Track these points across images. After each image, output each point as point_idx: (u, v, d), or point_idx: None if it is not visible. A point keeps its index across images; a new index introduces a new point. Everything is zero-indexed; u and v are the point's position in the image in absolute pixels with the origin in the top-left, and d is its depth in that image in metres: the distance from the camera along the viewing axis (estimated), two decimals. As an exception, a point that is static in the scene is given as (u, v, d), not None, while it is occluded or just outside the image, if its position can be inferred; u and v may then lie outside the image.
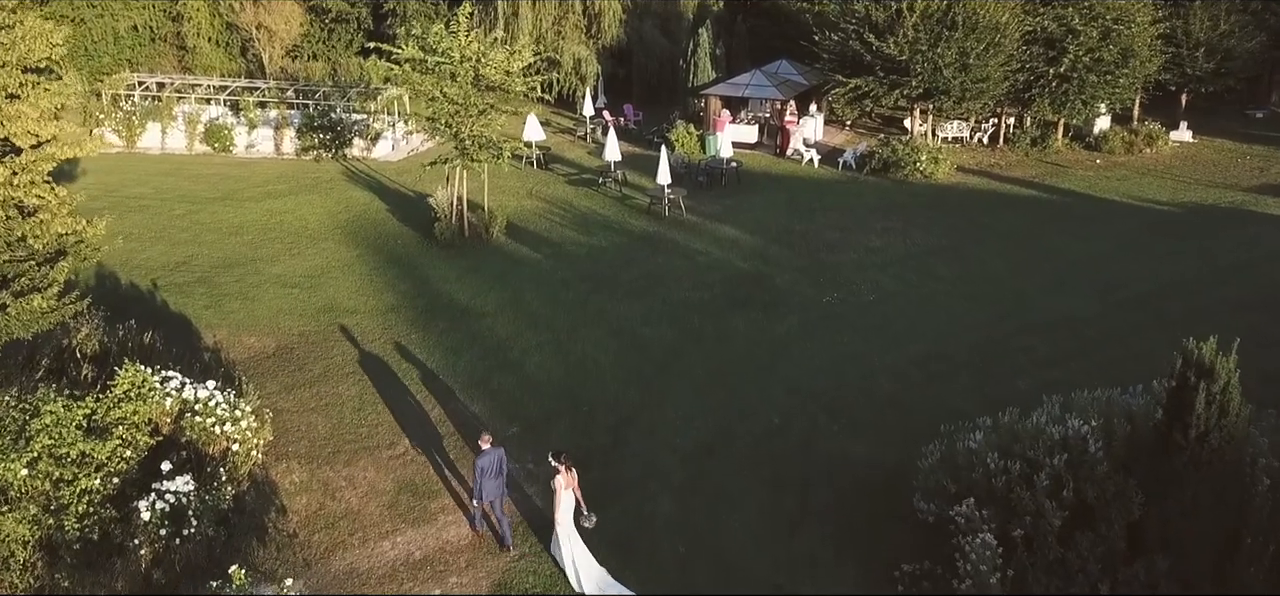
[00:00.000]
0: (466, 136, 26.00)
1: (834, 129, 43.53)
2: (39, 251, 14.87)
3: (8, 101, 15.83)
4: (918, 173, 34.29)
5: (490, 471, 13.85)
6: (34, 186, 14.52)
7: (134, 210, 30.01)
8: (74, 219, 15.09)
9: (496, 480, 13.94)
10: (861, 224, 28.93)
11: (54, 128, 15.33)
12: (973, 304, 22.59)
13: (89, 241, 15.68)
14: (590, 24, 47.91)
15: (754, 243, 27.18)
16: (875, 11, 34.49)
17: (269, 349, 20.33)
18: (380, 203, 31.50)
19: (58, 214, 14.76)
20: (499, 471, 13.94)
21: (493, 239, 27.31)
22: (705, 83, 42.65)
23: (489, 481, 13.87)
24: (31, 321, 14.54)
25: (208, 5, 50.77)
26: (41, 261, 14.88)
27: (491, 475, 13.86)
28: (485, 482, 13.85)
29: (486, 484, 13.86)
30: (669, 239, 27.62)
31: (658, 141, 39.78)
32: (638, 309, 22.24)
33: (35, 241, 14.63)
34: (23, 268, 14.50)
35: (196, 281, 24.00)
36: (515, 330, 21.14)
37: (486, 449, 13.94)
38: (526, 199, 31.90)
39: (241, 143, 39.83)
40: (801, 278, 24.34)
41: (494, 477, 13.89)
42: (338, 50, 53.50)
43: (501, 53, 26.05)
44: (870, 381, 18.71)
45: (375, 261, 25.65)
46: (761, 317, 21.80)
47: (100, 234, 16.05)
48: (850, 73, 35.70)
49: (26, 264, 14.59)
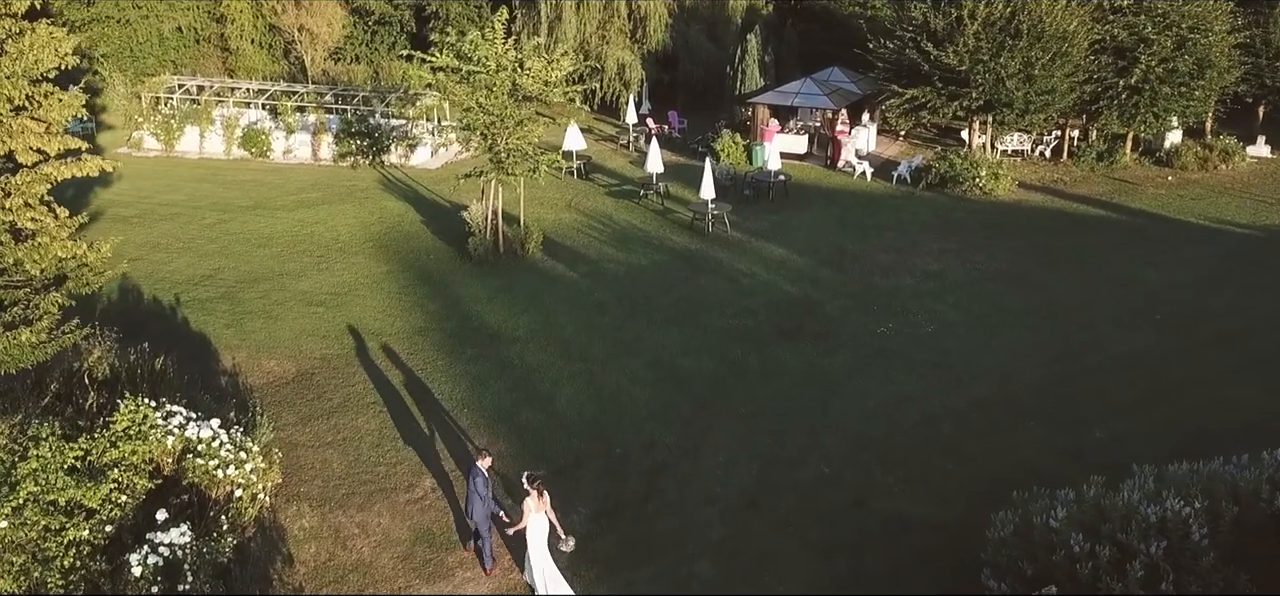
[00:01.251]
0: (502, 148, 24.86)
1: (887, 139, 41.82)
2: (36, 278, 13.94)
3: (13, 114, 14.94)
4: (977, 188, 32.51)
5: (475, 494, 13.39)
6: (28, 209, 13.57)
7: (165, 218, 29.35)
8: (74, 243, 14.12)
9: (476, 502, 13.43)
10: (917, 245, 27.29)
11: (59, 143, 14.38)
12: (1039, 338, 20.90)
13: (92, 265, 14.71)
14: (635, 28, 46.65)
15: (802, 264, 25.69)
16: (934, 18, 32.76)
17: (289, 374, 19.33)
18: (415, 214, 30.52)
19: (57, 237, 13.80)
20: (475, 496, 13.43)
21: (528, 255, 26.14)
22: (753, 90, 41.16)
23: (478, 502, 13.38)
24: (20, 356, 13.60)
25: (251, 7, 50.43)
26: (38, 288, 13.95)
27: (478, 495, 13.38)
28: (475, 503, 13.39)
29: (476, 505, 13.39)
30: (712, 258, 26.24)
31: (702, 151, 38.45)
32: (677, 337, 20.89)
33: (32, 267, 13.70)
34: (16, 295, 13.57)
35: (220, 297, 23.13)
36: (546, 358, 19.91)
37: (480, 466, 13.61)
38: (565, 211, 30.71)
39: (279, 148, 39.18)
40: (853, 304, 22.81)
41: (480, 497, 13.39)
42: (380, 53, 52.91)
43: (540, 62, 24.86)
44: (929, 427, 17.17)
45: (405, 278, 24.60)
46: (810, 350, 20.34)
47: (105, 257, 15.09)
48: (906, 83, 34.01)
49: (21, 291, 13.65)
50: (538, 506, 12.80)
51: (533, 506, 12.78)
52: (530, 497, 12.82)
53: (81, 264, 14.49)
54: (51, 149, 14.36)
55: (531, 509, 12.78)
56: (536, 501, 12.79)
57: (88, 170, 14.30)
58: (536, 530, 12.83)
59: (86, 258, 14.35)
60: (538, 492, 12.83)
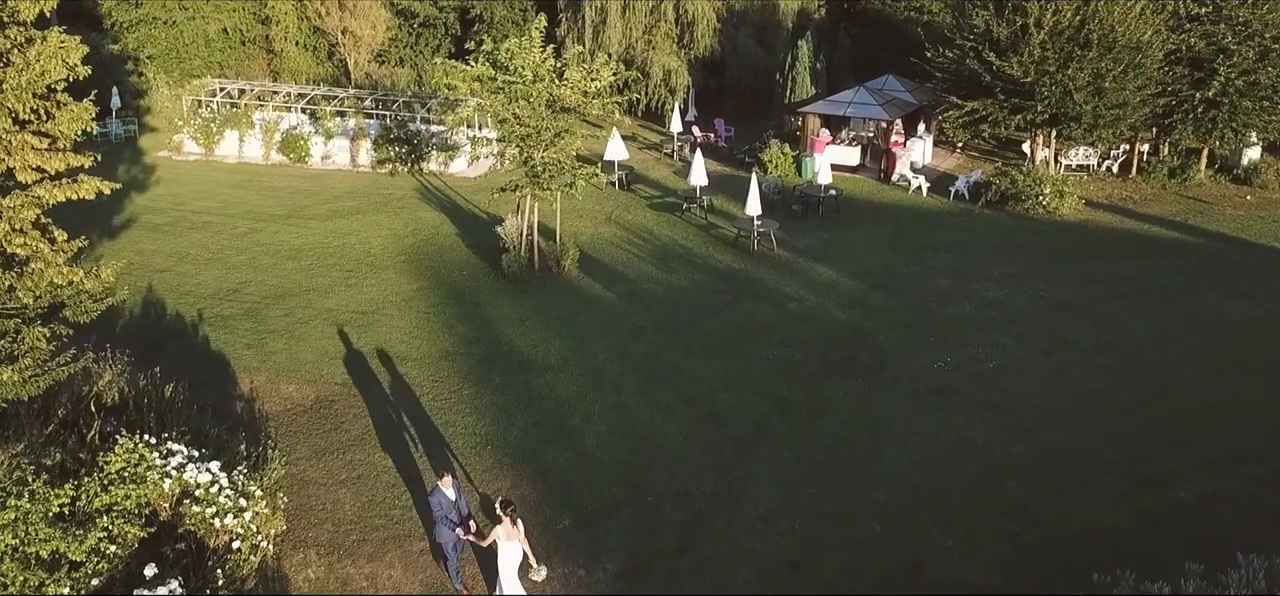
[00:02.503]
0: (538, 162, 23.73)
1: (943, 151, 40.02)
2: (30, 306, 13.06)
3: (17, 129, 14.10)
4: (1040, 207, 30.71)
5: (438, 514, 13.01)
6: (18, 234, 12.68)
7: (196, 227, 28.72)
8: (71, 269, 13.22)
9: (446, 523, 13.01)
10: (977, 268, 25.64)
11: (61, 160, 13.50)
12: (1112, 379, 19.22)
13: (92, 292, 13.81)
14: (682, 33, 45.35)
15: (854, 288, 24.20)
16: (997, 26, 30.98)
17: (307, 401, 18.36)
18: (450, 225, 29.55)
19: (52, 263, 12.91)
20: (446, 517, 13.01)
21: (564, 272, 24.99)
22: (803, 99, 39.62)
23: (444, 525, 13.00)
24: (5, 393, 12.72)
25: (295, 9, 50.03)
26: (31, 318, 13.07)
27: (442, 518, 12.99)
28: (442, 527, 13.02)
29: (443, 529, 13.02)
30: (757, 280, 24.85)
31: (749, 162, 37.07)
32: (717, 369, 19.57)
33: (25, 295, 12.81)
34: (5, 325, 12.70)
35: (244, 314, 22.29)
36: (577, 390, 18.71)
37: (438, 484, 13.18)
38: (604, 225, 29.52)
39: (317, 153, 38.54)
40: (908, 335, 21.30)
41: (445, 520, 12.98)
42: (424, 56, 52.23)
43: (578, 71, 23.68)
44: (992, 481, 15.65)
45: (435, 296, 23.58)
46: (862, 387, 18.89)
47: (107, 282, 14.19)
48: (966, 94, 32.28)
49: (12, 321, 12.77)
50: (510, 534, 12.43)
51: (504, 534, 12.42)
52: (502, 525, 12.43)
53: (79, 291, 13.59)
54: (52, 166, 13.46)
55: (503, 536, 12.42)
56: (509, 529, 12.42)
57: (83, 192, 13.39)
58: (508, 558, 12.46)
59: (84, 284, 13.43)
60: (511, 520, 12.45)
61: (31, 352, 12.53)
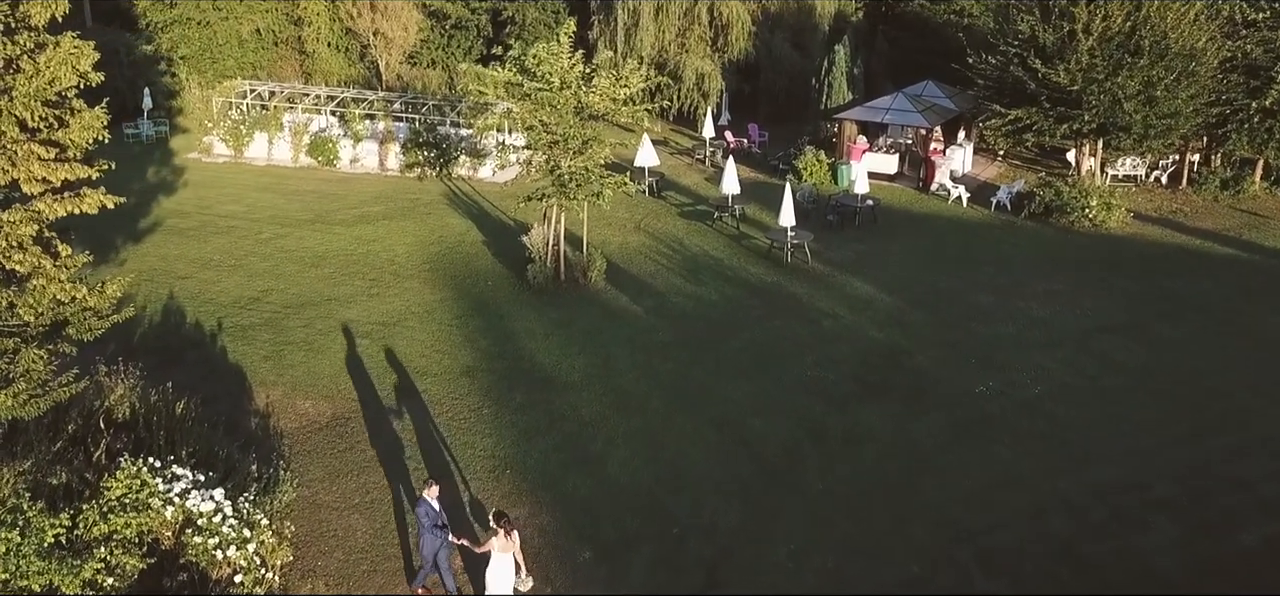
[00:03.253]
0: (565, 171, 23.07)
1: (984, 159, 38.81)
2: (32, 324, 12.58)
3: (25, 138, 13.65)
4: (1086, 219, 29.52)
5: (425, 524, 12.86)
6: (18, 250, 12.19)
7: (220, 232, 28.38)
8: (75, 285, 12.72)
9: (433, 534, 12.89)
10: (1020, 285, 24.61)
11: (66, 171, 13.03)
12: (1166, 408, 18.19)
13: (97, 308, 13.32)
14: (716, 36, 44.49)
15: (891, 304, 23.29)
16: (1043, 33, 29.86)
17: (324, 417, 17.82)
18: (476, 233, 28.97)
19: (55, 278, 12.42)
20: (434, 525, 12.91)
21: (590, 284, 24.31)
22: (840, 104, 38.65)
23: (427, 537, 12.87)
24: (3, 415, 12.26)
25: (328, 10, 49.86)
26: (32, 337, 12.59)
27: (427, 528, 12.87)
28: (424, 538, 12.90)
29: (426, 540, 12.89)
30: (790, 294, 24.02)
31: (783, 169, 36.18)
32: (747, 390, 18.78)
33: (26, 312, 12.33)
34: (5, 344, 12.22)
35: (263, 324, 21.84)
36: (601, 410, 18.01)
37: (425, 497, 13.08)
38: (633, 233, 28.80)
39: (346, 156, 38.17)
40: (948, 356, 20.37)
41: (433, 529, 12.88)
42: (456, 57, 51.84)
43: (607, 79, 22.98)
44: (1040, 519, 14.74)
45: (459, 308, 22.99)
46: (899, 412, 18.01)
47: (113, 297, 13.69)
48: (1009, 102, 31.16)
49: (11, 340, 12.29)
50: (504, 546, 12.42)
51: (499, 545, 12.41)
52: (496, 537, 12.41)
53: (83, 308, 13.09)
54: (57, 178, 12.98)
55: (498, 547, 12.42)
56: (503, 541, 12.40)
57: (86, 207, 12.88)
58: (499, 568, 12.44)
59: (88, 301, 12.93)
60: (505, 532, 12.42)
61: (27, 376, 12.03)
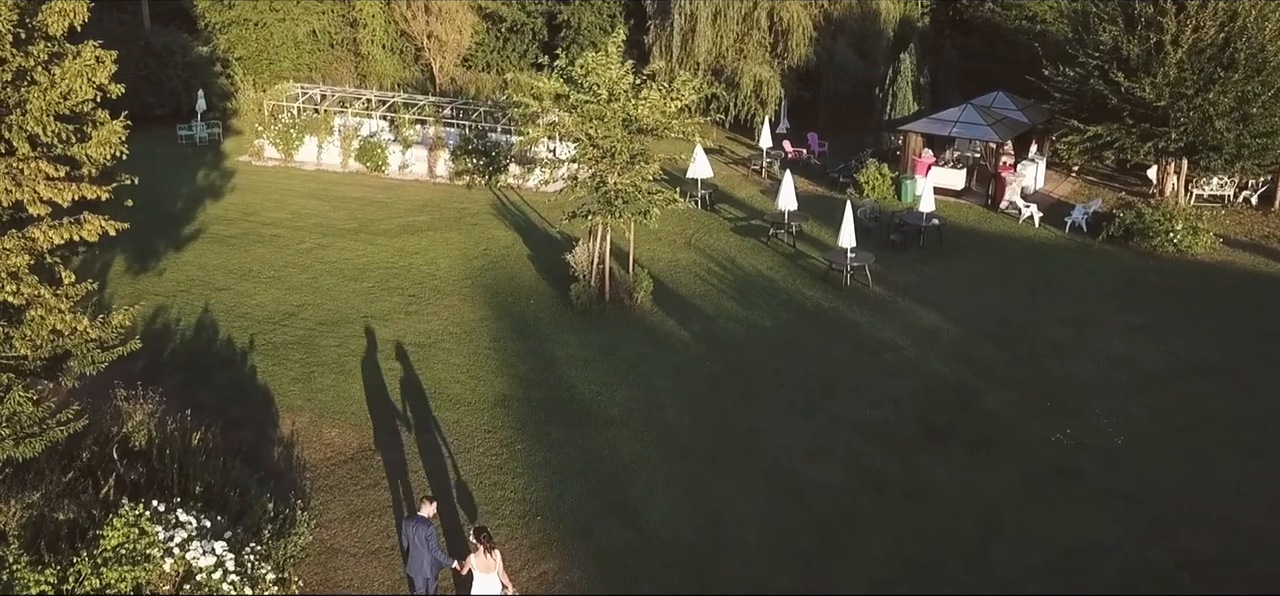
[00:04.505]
0: (611, 187, 21.94)
1: (1056, 174, 36.73)
2: (29, 358, 11.80)
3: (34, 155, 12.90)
4: (1170, 244, 27.51)
5: (418, 545, 12.40)
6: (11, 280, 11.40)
7: (262, 240, 27.79)
8: (76, 316, 11.91)
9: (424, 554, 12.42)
10: (1099, 317, 22.84)
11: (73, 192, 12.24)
12: (1268, 466, 16.42)
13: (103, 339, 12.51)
14: (776, 42, 43.01)
15: (957, 336, 21.71)
16: (1127, 44, 27.90)
17: (349, 448, 16.91)
18: (522, 246, 28.00)
19: (55, 309, 11.62)
20: (421, 547, 12.42)
21: (636, 305, 23.14)
22: (905, 115, 36.93)
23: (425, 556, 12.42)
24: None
25: (383, 12, 49.49)
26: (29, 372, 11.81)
27: (419, 549, 12.40)
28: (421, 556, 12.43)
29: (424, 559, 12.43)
30: (849, 321, 22.57)
31: (844, 182, 34.64)
32: (801, 432, 17.43)
33: (22, 345, 11.55)
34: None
35: (296, 342, 21.06)
36: (642, 450, 16.81)
37: (423, 515, 12.71)
38: (683, 250, 27.55)
39: (395, 162, 37.54)
40: (1020, 398, 18.78)
41: (421, 553, 12.40)
42: (510, 61, 51.16)
43: (657, 92, 21.78)
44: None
45: (498, 328, 21.99)
46: (966, 462, 16.52)
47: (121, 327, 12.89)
48: (1088, 117, 29.26)
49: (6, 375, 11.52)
50: (485, 565, 12.08)
51: (479, 564, 12.09)
52: (476, 554, 12.12)
53: (85, 340, 12.28)
54: (65, 199, 12.19)
55: (478, 567, 12.10)
56: (483, 560, 12.07)
57: (87, 233, 12.06)
58: (482, 589, 12.16)
59: (90, 333, 12.12)
60: (486, 549, 12.11)
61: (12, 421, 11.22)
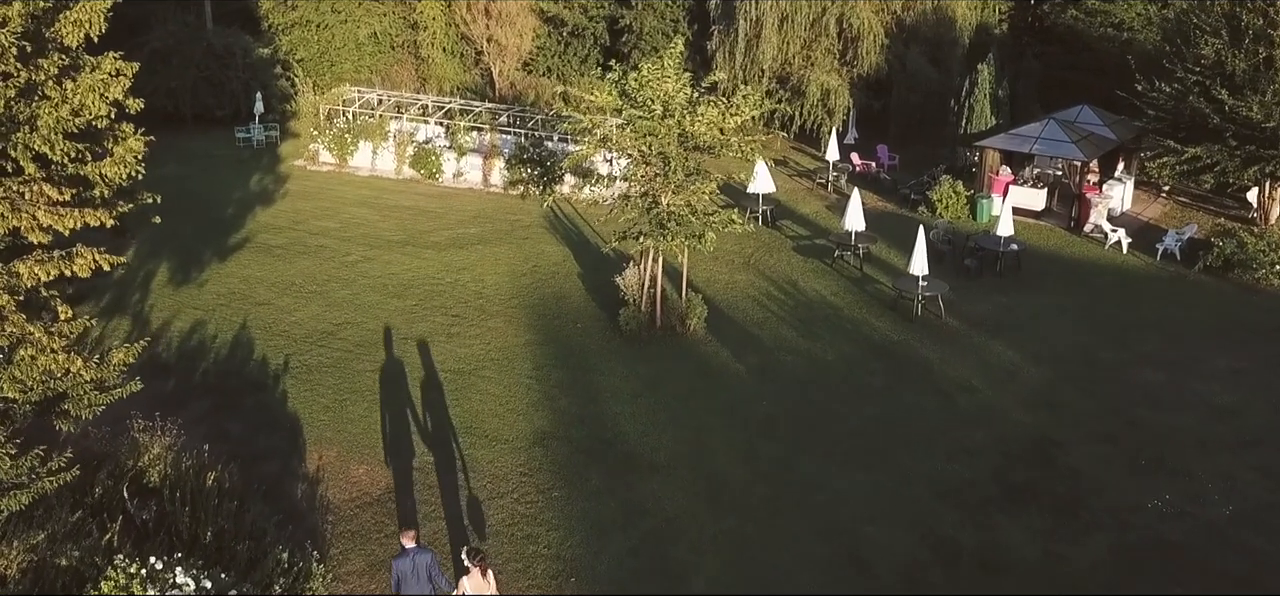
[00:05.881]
0: (664, 208, 20.60)
1: (1144, 194, 34.25)
2: (18, 401, 10.89)
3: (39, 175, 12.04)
4: (1275, 277, 25.20)
5: (411, 580, 11.86)
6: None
7: (308, 251, 27.04)
8: (70, 356, 10.98)
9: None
10: (1197, 359, 20.80)
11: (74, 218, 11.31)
12: (1403, 546, 14.42)
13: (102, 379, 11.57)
14: (845, 49, 41.17)
15: (1038, 378, 19.89)
16: (1232, 58, 25.64)
17: (376, 488, 15.85)
18: (573, 263, 26.82)
19: (46, 348, 10.70)
20: (425, 581, 11.94)
21: (689, 332, 21.76)
22: (982, 130, 34.87)
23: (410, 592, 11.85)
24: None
25: (444, 15, 48.89)
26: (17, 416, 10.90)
27: (413, 584, 11.85)
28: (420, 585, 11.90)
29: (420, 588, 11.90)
30: (919, 358, 20.89)
31: (915, 199, 32.79)
32: (864, 487, 15.87)
33: (9, 388, 10.64)
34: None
35: (331, 365, 20.12)
36: (688, 504, 15.43)
37: (409, 548, 12.08)
38: (741, 271, 26.07)
39: (449, 170, 36.71)
40: (1110, 453, 16.95)
41: (418, 588, 11.86)
42: (571, 65, 50.19)
43: (715, 108, 20.36)
44: (1242, 711, 11.44)
45: (542, 355, 20.80)
46: (1050, 528, 14.80)
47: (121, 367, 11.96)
48: (1185, 137, 27.02)
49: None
50: (479, 585, 11.80)
51: (472, 585, 11.82)
52: (470, 575, 11.81)
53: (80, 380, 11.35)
54: (65, 226, 11.27)
55: (470, 588, 11.83)
56: (478, 580, 11.80)
57: (78, 268, 11.11)
58: None
59: (84, 374, 11.17)
60: (481, 569, 11.82)
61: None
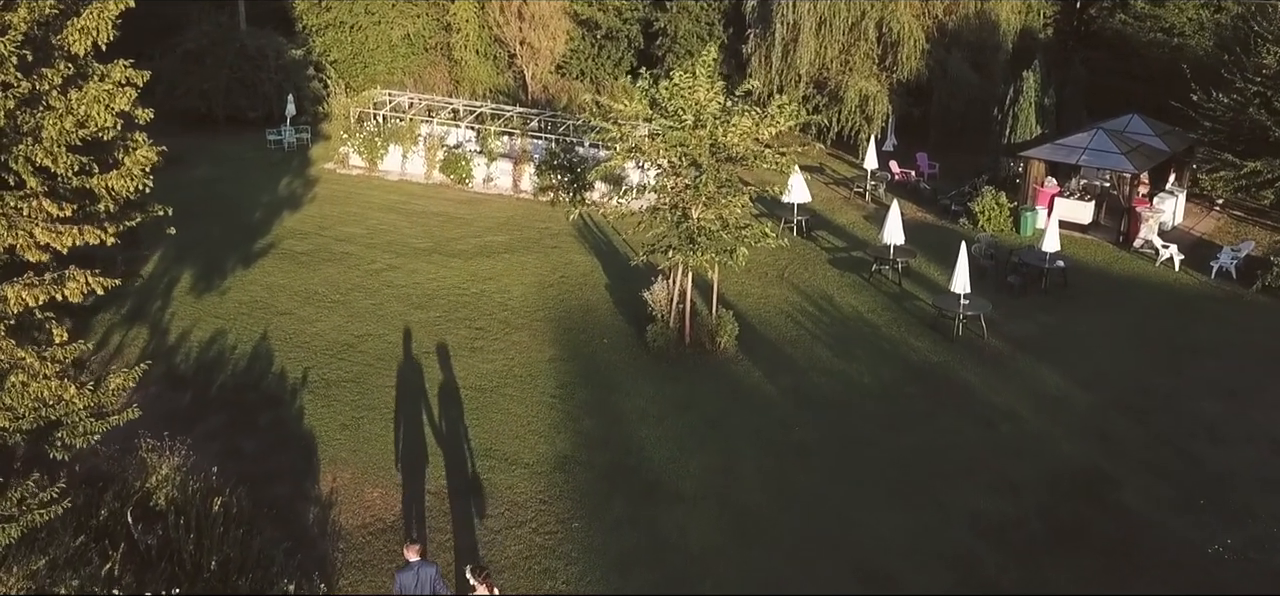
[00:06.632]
0: (694, 222, 19.85)
1: (1196, 207, 32.88)
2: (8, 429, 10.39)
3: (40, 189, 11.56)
4: (1340, 299, 23.97)
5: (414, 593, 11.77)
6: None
7: (333, 258, 26.60)
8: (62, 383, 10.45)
9: None
10: (1259, 387, 19.68)
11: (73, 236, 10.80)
12: None
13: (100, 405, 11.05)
14: (885, 54, 40.16)
15: (1087, 406, 18.88)
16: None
17: (389, 514, 15.26)
18: (601, 274, 26.13)
19: (39, 375, 10.18)
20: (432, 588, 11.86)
21: (719, 351, 20.99)
22: (1027, 140, 33.70)
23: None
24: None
25: (477, 17, 48.50)
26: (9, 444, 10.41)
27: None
28: None
29: None
30: (960, 381, 19.95)
31: (956, 210, 31.74)
32: (900, 523, 15.01)
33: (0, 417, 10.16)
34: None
35: (351, 380, 19.60)
36: (715, 538, 14.67)
37: (413, 561, 11.93)
38: (774, 285, 25.23)
39: (479, 175, 36.18)
40: (1166, 491, 15.94)
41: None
42: (605, 69, 49.59)
43: (749, 118, 19.58)
44: None
45: (567, 373, 20.12)
46: (1100, 574, 13.86)
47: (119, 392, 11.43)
48: (1244, 150, 25.78)
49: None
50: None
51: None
52: (476, 592, 11.69)
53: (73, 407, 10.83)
54: (63, 244, 10.76)
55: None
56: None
57: (69, 293, 10.58)
58: None
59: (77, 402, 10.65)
60: (486, 585, 11.67)
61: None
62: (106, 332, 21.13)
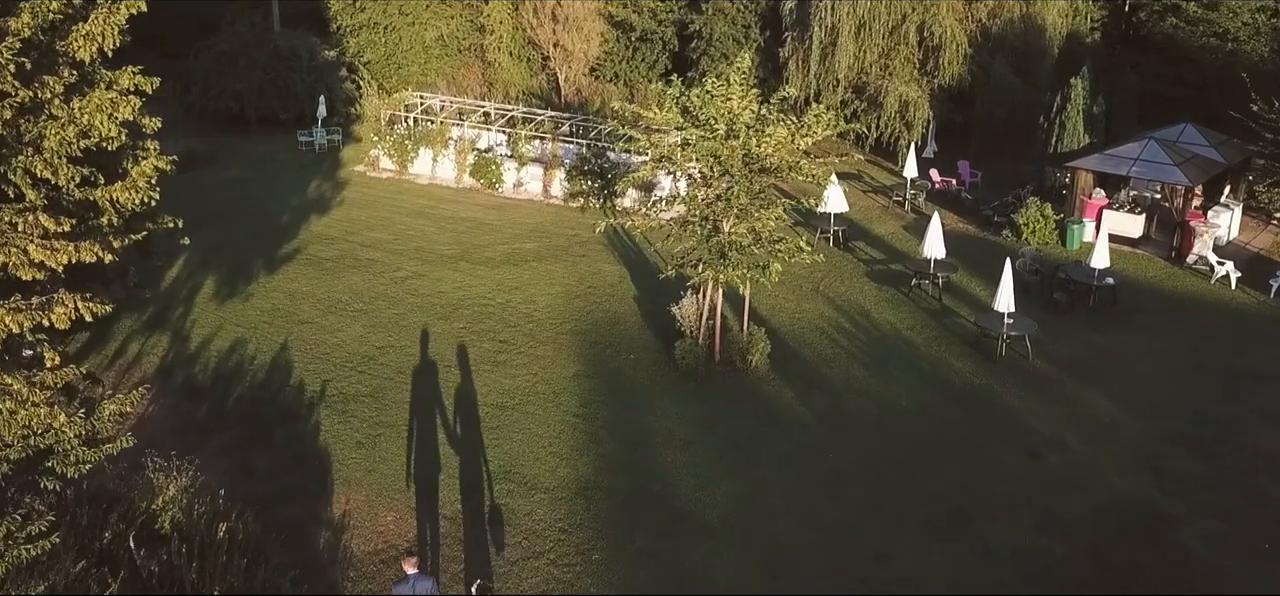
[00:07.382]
0: (725, 236, 19.08)
1: (1253, 221, 31.46)
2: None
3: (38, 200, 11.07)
4: None
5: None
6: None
7: (358, 265, 26.15)
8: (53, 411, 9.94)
9: None
10: (1324, 419, 18.53)
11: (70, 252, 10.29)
12: None
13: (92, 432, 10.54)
14: (926, 59, 39.01)
15: (1140, 435, 17.84)
16: (1364, 78, 23.13)
17: (402, 542, 14.64)
18: (629, 284, 25.43)
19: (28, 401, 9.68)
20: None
21: (750, 369, 20.19)
22: (1074, 150, 32.48)
23: None
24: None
25: (511, 18, 48.04)
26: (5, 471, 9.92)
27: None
28: None
29: None
30: (1004, 406, 18.99)
31: (999, 221, 30.64)
32: (940, 564, 14.14)
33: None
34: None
35: (370, 394, 19.07)
36: (742, 575, 13.90)
37: (411, 574, 11.76)
38: (809, 299, 24.36)
39: (510, 180, 35.62)
40: (1228, 533, 14.91)
41: None
42: (639, 72, 48.91)
43: (784, 127, 18.77)
44: None
45: (590, 390, 19.44)
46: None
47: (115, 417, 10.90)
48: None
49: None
50: None
51: None
52: None
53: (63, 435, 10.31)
54: (58, 262, 10.26)
55: None
56: None
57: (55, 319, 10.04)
58: None
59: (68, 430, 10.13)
60: None
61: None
62: (125, 340, 20.81)
